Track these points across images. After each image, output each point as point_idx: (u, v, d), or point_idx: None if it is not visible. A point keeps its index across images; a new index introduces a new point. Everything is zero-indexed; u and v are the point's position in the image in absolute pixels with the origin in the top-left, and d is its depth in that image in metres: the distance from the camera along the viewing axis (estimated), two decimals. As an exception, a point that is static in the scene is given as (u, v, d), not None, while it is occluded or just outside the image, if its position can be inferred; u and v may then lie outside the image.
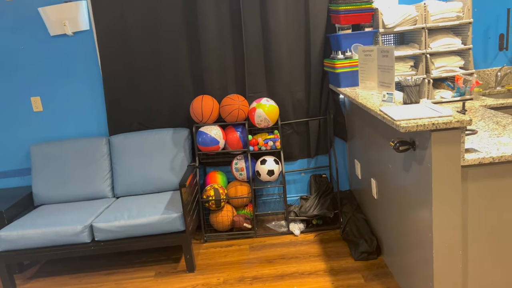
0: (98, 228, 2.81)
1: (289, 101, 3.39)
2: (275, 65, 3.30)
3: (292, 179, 3.64)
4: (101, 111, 3.47)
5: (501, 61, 3.42)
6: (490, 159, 1.77)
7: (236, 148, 3.26)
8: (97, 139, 3.35)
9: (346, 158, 3.62)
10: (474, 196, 1.83)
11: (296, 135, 3.48)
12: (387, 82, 2.44)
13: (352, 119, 3.20)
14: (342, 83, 2.97)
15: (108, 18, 3.24)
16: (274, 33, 3.21)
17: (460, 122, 1.71)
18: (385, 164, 2.45)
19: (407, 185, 2.10)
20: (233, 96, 3.22)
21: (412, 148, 1.95)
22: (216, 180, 3.31)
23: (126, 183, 3.27)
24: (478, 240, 1.88)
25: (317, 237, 3.19)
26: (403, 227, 2.26)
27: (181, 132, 3.33)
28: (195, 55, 3.33)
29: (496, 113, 2.49)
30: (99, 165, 3.30)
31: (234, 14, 3.25)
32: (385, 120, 1.93)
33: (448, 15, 2.91)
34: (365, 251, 2.79)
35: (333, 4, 3.08)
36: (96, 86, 3.42)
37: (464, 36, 2.99)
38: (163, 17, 3.25)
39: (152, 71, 3.34)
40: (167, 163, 3.26)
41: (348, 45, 2.98)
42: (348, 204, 3.25)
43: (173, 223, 2.80)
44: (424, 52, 2.95)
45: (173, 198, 3.07)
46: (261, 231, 3.35)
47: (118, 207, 3.02)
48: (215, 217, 3.26)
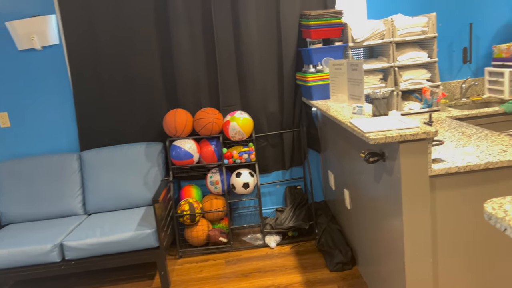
0: (68, 246, 2.73)
1: (263, 114, 3.42)
2: (249, 79, 3.33)
3: (267, 191, 3.65)
4: (72, 126, 3.40)
5: (465, 73, 3.56)
6: (456, 169, 1.83)
7: (210, 162, 3.25)
8: (67, 155, 3.28)
9: (320, 169, 3.66)
10: (442, 205, 1.89)
11: (271, 148, 3.50)
12: (357, 95, 2.49)
13: (325, 131, 3.25)
14: (314, 96, 3.02)
15: (79, 32, 3.20)
16: (246, 47, 3.25)
17: (426, 133, 1.77)
18: (357, 175, 2.49)
19: (379, 195, 2.14)
20: (207, 110, 3.22)
21: (382, 159, 2.00)
22: (191, 194, 3.29)
23: (98, 199, 3.20)
24: (448, 247, 1.93)
25: (293, 249, 3.20)
26: (376, 237, 2.30)
27: (155, 146, 3.30)
28: (168, 68, 3.32)
29: (462, 124, 2.58)
30: (70, 182, 3.22)
31: (206, 28, 3.27)
32: (355, 132, 1.97)
33: (414, 30, 3.02)
34: (340, 261, 2.81)
35: (303, 19, 3.14)
36: (66, 101, 3.36)
37: (430, 50, 3.10)
38: (135, 31, 3.23)
39: (124, 85, 3.31)
40: (140, 178, 3.22)
41: (319, 59, 3.05)
42: (323, 215, 3.28)
43: (146, 239, 2.75)
44: (393, 65, 3.04)
45: (147, 214, 3.02)
46: (237, 245, 3.33)
47: (89, 224, 2.95)
48: (190, 232, 3.23)
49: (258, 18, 3.25)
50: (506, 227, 0.90)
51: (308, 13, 3.03)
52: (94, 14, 3.18)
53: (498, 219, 0.93)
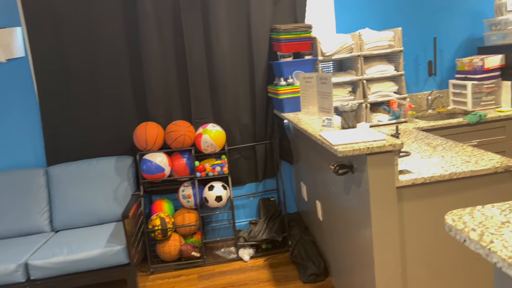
0: (34, 266, 2.63)
1: (236, 126, 3.42)
2: (221, 91, 3.33)
3: (241, 203, 3.64)
4: (39, 140, 3.30)
5: (430, 85, 3.68)
6: (422, 180, 1.88)
7: (182, 175, 3.22)
8: (33, 170, 3.18)
9: (293, 180, 3.68)
10: (409, 215, 1.93)
11: (244, 160, 3.50)
12: (327, 107, 2.53)
13: (297, 143, 3.28)
14: (285, 108, 3.05)
15: (45, 44, 3.13)
16: (218, 60, 3.26)
17: (392, 145, 1.81)
18: (328, 186, 2.52)
19: (349, 207, 2.17)
20: (178, 123, 3.20)
21: (351, 171, 2.03)
22: (162, 208, 3.24)
23: (66, 215, 3.11)
24: (416, 257, 1.97)
25: (267, 261, 3.19)
26: (348, 247, 2.32)
27: (125, 160, 3.24)
28: (138, 81, 3.29)
29: (428, 135, 2.66)
30: (36, 198, 3.12)
31: (177, 40, 3.26)
32: (325, 145, 2.00)
33: (381, 44, 3.10)
34: (313, 273, 2.82)
35: (274, 33, 3.18)
36: (32, 114, 3.27)
37: (396, 63, 3.19)
38: (104, 43, 3.19)
39: (93, 98, 3.25)
40: (109, 193, 3.15)
41: (290, 72, 3.09)
42: (296, 227, 3.29)
43: (116, 256, 2.68)
44: (361, 78, 3.11)
45: (116, 230, 2.95)
46: (210, 259, 3.29)
47: (56, 241, 2.85)
48: (162, 247, 3.17)
49: (229, 31, 3.27)
50: (465, 238, 0.93)
51: (278, 27, 3.07)
52: (61, 26, 3.12)
53: (458, 230, 0.96)
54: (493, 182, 1.92)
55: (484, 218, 1.00)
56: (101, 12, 3.15)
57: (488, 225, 0.96)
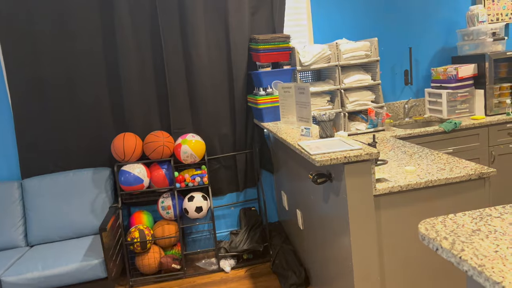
0: (7, 282, 2.54)
1: (215, 136, 3.41)
2: (200, 101, 3.32)
3: (221, 214, 3.61)
4: (12, 152, 3.22)
5: (407, 94, 3.75)
6: (398, 188, 1.90)
7: (162, 186, 3.18)
8: (7, 183, 3.09)
9: (273, 190, 3.68)
10: (387, 223, 1.94)
11: (224, 170, 3.48)
12: (305, 117, 2.55)
13: (277, 152, 3.28)
14: (265, 118, 3.06)
15: (19, 53, 3.07)
16: (197, 69, 3.25)
17: (369, 154, 1.83)
18: (307, 195, 2.53)
19: (328, 216, 2.18)
20: (157, 133, 3.17)
21: (329, 180, 2.04)
22: (142, 220, 3.18)
23: (41, 229, 3.02)
24: (394, 265, 1.99)
25: (248, 272, 3.16)
26: (328, 257, 2.32)
27: (102, 172, 3.18)
28: (115, 91, 3.25)
29: (405, 143, 2.70)
30: (9, 212, 3.03)
31: (155, 51, 3.24)
32: (303, 154, 2.00)
33: (358, 54, 3.15)
34: (293, 283, 2.81)
35: (253, 43, 3.20)
36: (5, 125, 3.19)
37: (373, 73, 3.25)
38: (81, 52, 3.15)
39: (70, 108, 3.20)
40: (86, 205, 3.08)
41: (269, 82, 3.10)
42: (277, 236, 3.28)
43: (93, 270, 2.62)
44: (339, 88, 3.15)
45: (94, 243, 2.89)
46: (191, 271, 3.25)
47: (31, 256, 2.77)
48: (141, 260, 3.11)
49: (208, 41, 3.27)
50: (437, 247, 0.94)
51: (257, 37, 3.09)
52: (35, 31, 3.07)
53: (431, 239, 0.97)
54: (467, 189, 1.96)
55: (456, 226, 1.02)
56: (77, 21, 3.11)
57: (460, 233, 0.98)
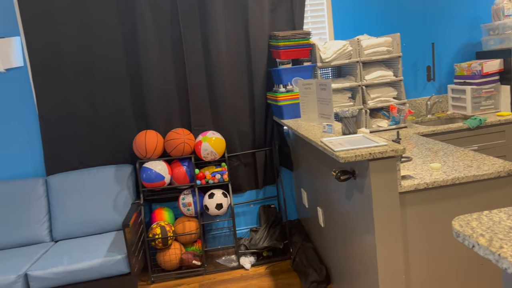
0: (33, 276, 2.60)
1: (235, 133, 3.42)
2: (220, 98, 3.33)
3: (241, 211, 3.62)
4: (38, 150, 3.29)
5: (429, 90, 3.69)
6: (424, 185, 1.87)
7: (182, 183, 3.20)
8: (32, 180, 3.15)
9: (293, 187, 3.67)
10: (412, 220, 1.92)
11: (244, 167, 3.49)
12: (327, 114, 2.53)
13: (297, 149, 3.27)
14: (285, 115, 3.05)
15: (44, 54, 3.13)
16: (217, 67, 3.26)
17: (394, 151, 1.80)
18: (329, 193, 2.51)
19: (351, 213, 2.16)
20: (178, 130, 3.19)
21: (353, 177, 2.02)
22: (163, 217, 3.22)
23: (66, 225, 3.08)
24: (419, 263, 1.96)
25: (268, 269, 3.16)
26: (350, 254, 2.30)
27: (124, 169, 3.22)
28: (137, 89, 3.28)
29: (428, 140, 2.66)
30: (35, 208, 3.09)
31: (176, 49, 3.26)
32: (326, 150, 1.99)
33: (380, 49, 3.11)
34: (314, 280, 2.79)
35: (273, 40, 3.19)
36: (31, 124, 3.25)
37: (395, 69, 3.20)
38: (103, 51, 3.19)
39: (92, 107, 3.24)
40: (109, 202, 3.13)
41: (289, 79, 3.09)
42: (297, 234, 3.27)
43: (117, 265, 2.66)
44: (360, 84, 3.12)
45: (117, 239, 2.93)
46: (211, 268, 3.26)
47: (56, 251, 2.83)
48: (163, 256, 3.14)
49: (228, 39, 3.27)
50: (473, 244, 0.92)
51: (277, 34, 3.08)
52: (60, 35, 3.12)
53: (466, 236, 0.95)
54: (496, 186, 1.91)
55: (492, 223, 1.00)
56: (99, 21, 3.15)
57: (497, 230, 0.95)
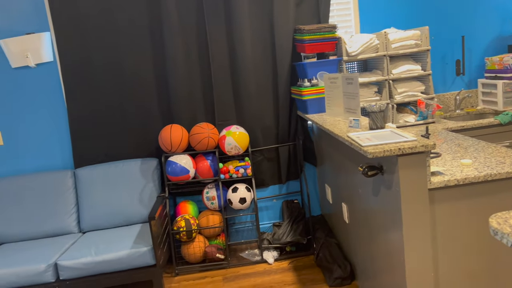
0: (63, 266, 2.67)
1: (259, 128, 3.41)
2: (244, 93, 3.33)
3: (264, 206, 3.62)
4: (66, 143, 3.37)
5: (458, 85, 3.59)
6: (455, 181, 1.82)
7: (206, 177, 3.22)
8: (61, 172, 3.23)
9: (316, 183, 3.65)
10: (442, 218, 1.87)
11: (267, 162, 3.49)
12: (353, 108, 2.50)
13: (321, 144, 3.24)
14: (309, 109, 3.02)
15: (72, 49, 3.19)
16: (241, 61, 3.25)
17: (424, 146, 1.76)
18: (355, 189, 2.48)
19: (377, 209, 2.13)
20: (202, 125, 3.21)
21: (380, 172, 1.99)
22: (187, 210, 3.25)
23: (93, 217, 3.15)
24: (448, 261, 1.91)
25: (291, 264, 3.16)
26: (376, 251, 2.27)
27: (150, 162, 3.27)
28: (162, 84, 3.31)
29: (458, 136, 2.59)
30: (64, 200, 3.18)
31: (201, 44, 3.27)
32: (353, 146, 1.96)
33: (407, 43, 3.04)
34: (339, 276, 2.77)
35: (298, 34, 3.16)
36: (60, 118, 3.33)
37: (423, 63, 3.13)
38: (129, 49, 3.23)
39: (119, 101, 3.29)
40: (135, 195, 3.18)
41: (314, 73, 3.06)
42: (321, 229, 3.25)
43: (143, 257, 2.70)
44: (387, 78, 3.06)
45: (142, 231, 2.98)
46: (235, 261, 3.28)
47: (84, 242, 2.89)
48: (187, 249, 3.18)
49: (252, 33, 3.27)
50: (512, 242, 0.89)
51: (302, 27, 3.05)
52: (88, 32, 3.18)
53: (504, 234, 0.92)
54: (530, 184, 1.85)
55: (531, 221, 0.96)
56: (126, 18, 3.19)
57: (536, 228, 0.92)
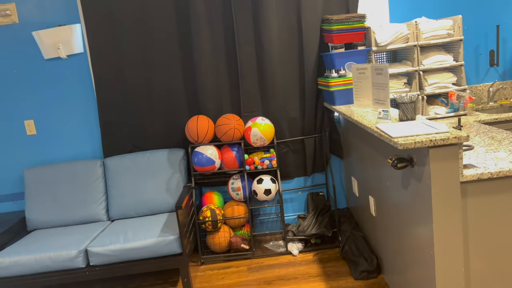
0: (93, 252, 2.75)
1: (284, 120, 3.40)
2: (270, 84, 3.31)
3: (289, 197, 3.62)
4: (96, 133, 3.45)
5: (492, 76, 3.47)
6: (488, 175, 1.77)
7: (232, 168, 3.24)
8: (91, 161, 3.32)
9: (342, 175, 3.61)
10: (474, 212, 1.82)
11: (292, 154, 3.47)
12: (382, 99, 2.45)
13: (347, 137, 3.20)
14: (336, 101, 2.99)
15: (102, 41, 3.25)
16: (267, 53, 3.24)
17: (457, 138, 1.71)
18: (382, 181, 2.44)
19: (406, 202, 2.09)
20: (228, 116, 3.22)
21: (410, 165, 1.95)
22: (213, 200, 3.28)
23: (121, 205, 3.22)
24: (480, 256, 1.86)
25: (316, 256, 3.15)
26: (403, 244, 2.24)
27: (176, 153, 3.31)
28: (189, 75, 3.34)
29: (491, 128, 2.51)
30: (93, 188, 3.26)
31: (228, 35, 3.27)
32: (382, 137, 1.93)
33: (439, 33, 2.96)
34: (365, 270, 2.75)
35: (325, 24, 3.11)
36: (90, 109, 3.41)
37: (455, 53, 3.03)
38: (157, 40, 3.27)
39: (147, 92, 3.34)
40: (162, 184, 3.23)
41: (342, 64, 3.01)
42: (346, 222, 3.22)
43: (169, 245, 2.75)
44: (417, 69, 2.99)
45: (169, 220, 3.02)
46: (259, 252, 3.30)
47: (113, 230, 2.97)
48: (212, 239, 3.22)
49: (279, 23, 3.24)
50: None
51: (330, 17, 3.01)
52: (117, 23, 3.23)
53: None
54: None
55: None
56: (154, 9, 3.22)
57: None
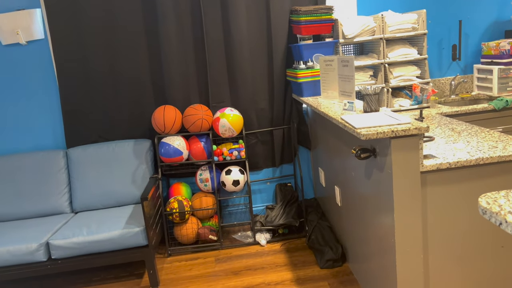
0: (55, 245, 2.67)
1: (253, 111, 3.39)
2: (238, 75, 3.29)
3: (257, 188, 3.63)
4: (58, 123, 3.33)
5: (454, 70, 3.58)
6: (447, 165, 1.82)
7: (200, 159, 3.21)
8: (53, 152, 3.21)
9: (310, 166, 3.65)
10: (433, 201, 1.88)
11: (261, 145, 3.48)
12: (348, 91, 2.48)
13: (315, 128, 3.23)
14: (304, 92, 3.00)
15: (64, 27, 3.13)
16: (236, 43, 3.21)
17: (418, 129, 1.76)
18: (348, 172, 2.48)
19: (370, 192, 2.13)
20: (196, 106, 3.18)
21: (373, 155, 1.98)
22: (180, 192, 3.25)
23: (85, 197, 3.14)
24: (438, 243, 1.93)
25: (284, 246, 3.18)
26: (367, 233, 2.29)
27: (143, 144, 3.25)
28: (156, 64, 3.27)
29: (452, 120, 2.59)
30: (56, 180, 3.16)
31: (195, 24, 3.22)
32: (347, 128, 1.95)
33: (404, 27, 3.01)
34: (330, 258, 2.80)
35: (294, 15, 3.12)
36: (52, 97, 3.29)
37: (419, 47, 3.10)
38: (122, 26, 3.18)
39: (112, 81, 3.25)
40: (128, 175, 3.17)
41: (310, 55, 3.03)
42: (313, 212, 3.27)
43: (135, 237, 2.70)
44: (383, 62, 3.04)
45: (135, 212, 2.97)
46: (227, 243, 3.30)
47: (76, 222, 2.89)
48: (180, 230, 3.19)
49: (248, 13, 3.22)
50: (501, 221, 0.89)
51: (298, 8, 3.01)
52: (80, 8, 3.11)
53: (493, 213, 0.92)
54: (522, 168, 1.86)
55: (521, 201, 0.96)
56: None
57: (526, 208, 0.92)
